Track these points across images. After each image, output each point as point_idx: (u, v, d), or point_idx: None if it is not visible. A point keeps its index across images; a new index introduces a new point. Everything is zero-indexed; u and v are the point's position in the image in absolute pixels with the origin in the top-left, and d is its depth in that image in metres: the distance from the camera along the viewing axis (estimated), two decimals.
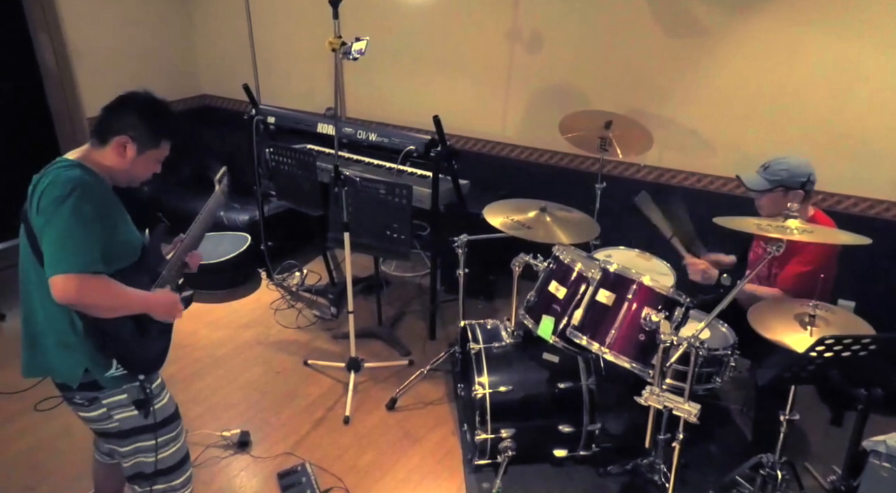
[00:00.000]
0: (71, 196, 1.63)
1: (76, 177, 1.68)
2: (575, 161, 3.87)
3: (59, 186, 1.65)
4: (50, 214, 1.64)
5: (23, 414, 2.87)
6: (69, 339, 1.73)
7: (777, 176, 2.52)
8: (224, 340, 3.60)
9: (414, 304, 4.03)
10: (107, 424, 1.87)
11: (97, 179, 1.75)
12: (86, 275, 1.61)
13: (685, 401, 2.00)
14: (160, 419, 1.92)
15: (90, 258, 1.64)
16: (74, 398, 1.83)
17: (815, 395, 2.95)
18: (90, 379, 1.78)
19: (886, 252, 3.07)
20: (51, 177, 1.69)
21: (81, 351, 1.73)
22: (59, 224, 1.62)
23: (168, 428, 1.96)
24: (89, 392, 1.81)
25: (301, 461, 2.70)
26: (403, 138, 3.54)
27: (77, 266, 1.60)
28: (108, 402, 1.83)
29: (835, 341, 1.78)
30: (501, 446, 2.58)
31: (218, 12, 4.81)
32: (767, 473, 2.27)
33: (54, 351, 1.76)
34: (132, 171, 1.83)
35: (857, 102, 3.07)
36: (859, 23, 2.97)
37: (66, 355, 1.75)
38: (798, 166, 2.52)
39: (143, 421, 1.88)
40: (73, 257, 1.60)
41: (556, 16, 3.65)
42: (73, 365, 1.76)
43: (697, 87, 3.41)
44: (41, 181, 1.70)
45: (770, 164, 2.57)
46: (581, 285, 2.36)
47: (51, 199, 1.64)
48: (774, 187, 2.53)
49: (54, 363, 1.78)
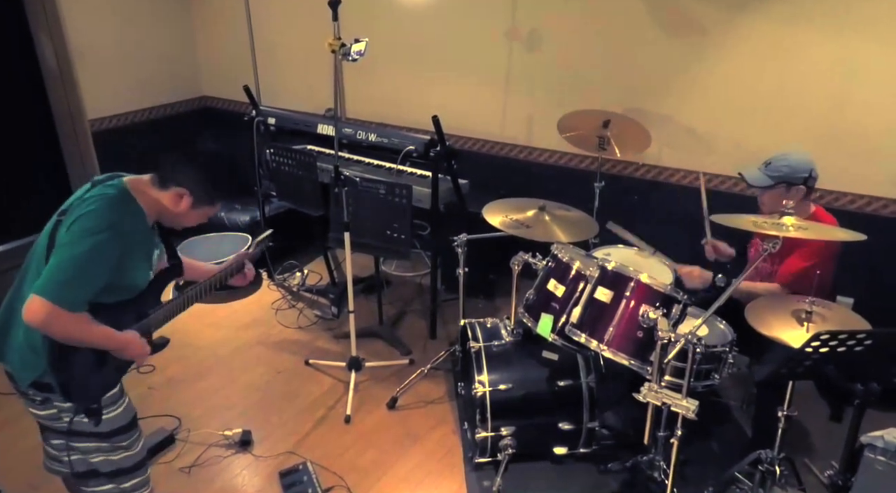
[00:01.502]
0: (102, 233, 1.67)
1: (119, 219, 1.71)
2: (574, 160, 3.88)
3: (99, 219, 1.68)
4: (73, 239, 1.66)
5: (25, 414, 2.81)
6: (36, 344, 1.73)
7: (779, 172, 2.53)
8: (225, 340, 3.62)
9: (414, 303, 4.04)
10: (56, 423, 1.87)
11: (140, 218, 1.79)
12: (62, 310, 1.62)
13: (683, 397, 2.01)
14: (111, 429, 1.89)
15: (79, 300, 1.65)
16: (28, 392, 1.83)
17: (814, 391, 2.96)
18: (45, 381, 1.77)
19: (884, 249, 3.08)
20: (97, 203, 1.71)
21: (41, 359, 1.73)
22: (73, 252, 1.65)
23: (121, 438, 1.93)
24: (42, 392, 1.81)
25: (302, 460, 2.71)
26: (403, 139, 3.55)
27: (61, 300, 1.61)
28: (59, 405, 1.82)
29: (830, 337, 1.79)
30: (502, 444, 2.59)
31: (218, 14, 4.83)
32: (766, 469, 2.28)
33: (19, 347, 1.77)
34: (181, 218, 1.90)
35: (856, 99, 3.08)
36: (858, 20, 2.97)
37: (28, 356, 1.75)
38: (800, 162, 2.53)
39: (94, 428, 1.86)
40: (63, 291, 1.62)
41: (555, 15, 3.67)
42: (28, 368, 1.76)
43: (695, 85, 3.43)
44: (89, 199, 1.72)
45: (772, 160, 2.58)
46: (580, 283, 2.38)
47: (84, 226, 1.67)
48: (776, 184, 2.54)
49: (14, 357, 1.79)
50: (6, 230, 4.10)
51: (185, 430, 2.90)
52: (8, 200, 4.14)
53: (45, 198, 4.29)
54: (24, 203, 4.16)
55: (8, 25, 4.03)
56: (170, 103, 4.92)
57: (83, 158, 4.39)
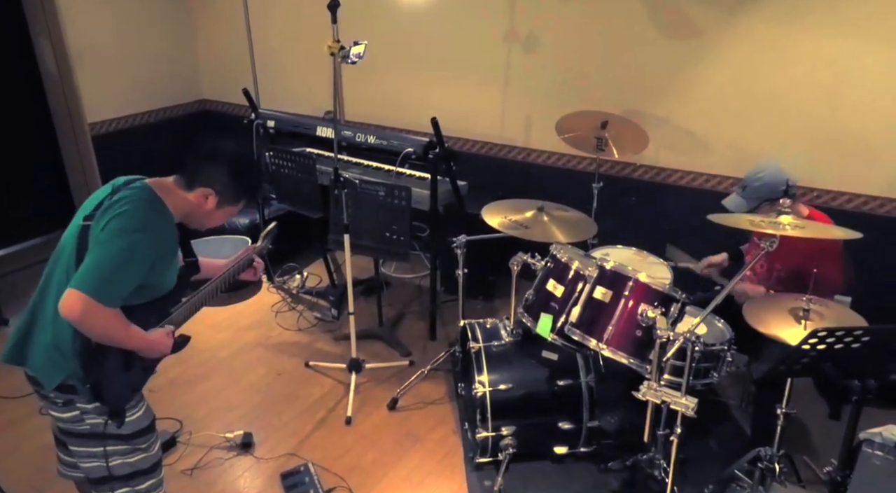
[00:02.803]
0: (138, 233, 1.68)
1: (153, 220, 1.73)
2: (572, 161, 3.90)
3: (135, 219, 1.70)
4: (111, 236, 1.67)
5: (30, 417, 2.89)
6: (65, 346, 1.73)
7: (757, 192, 2.56)
8: (226, 342, 3.63)
9: (414, 304, 4.06)
10: (78, 425, 1.86)
11: (169, 219, 1.80)
12: (100, 304, 1.62)
13: (682, 395, 2.03)
14: (133, 431, 1.89)
15: (116, 295, 1.66)
16: (49, 395, 1.82)
17: (812, 389, 2.98)
18: (69, 383, 1.77)
19: (881, 248, 3.09)
20: (131, 204, 1.72)
21: (69, 361, 1.73)
22: (110, 250, 1.66)
23: (140, 440, 1.93)
24: (66, 394, 1.80)
25: (304, 461, 2.72)
26: (402, 141, 3.57)
27: (99, 294, 1.62)
28: (82, 406, 1.82)
29: (827, 334, 1.81)
30: (502, 443, 2.61)
31: (218, 17, 4.85)
32: (766, 466, 2.30)
33: (45, 350, 1.77)
34: (206, 218, 1.91)
35: (851, 99, 3.10)
36: (853, 21, 2.99)
37: (55, 358, 1.75)
38: (773, 177, 2.55)
39: (116, 430, 1.86)
40: (101, 285, 1.63)
41: (553, 17, 3.68)
42: (55, 370, 1.76)
43: (692, 86, 3.45)
44: (122, 199, 1.72)
45: (746, 183, 2.60)
46: (578, 283, 2.39)
47: (120, 225, 1.68)
48: (759, 204, 2.56)
49: (39, 360, 1.78)
50: (6, 234, 4.11)
51: (186, 432, 2.90)
52: (8, 204, 4.14)
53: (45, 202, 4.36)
54: (23, 207, 4.17)
55: (7, 28, 4.05)
56: (169, 106, 4.93)
57: (82, 162, 4.41)
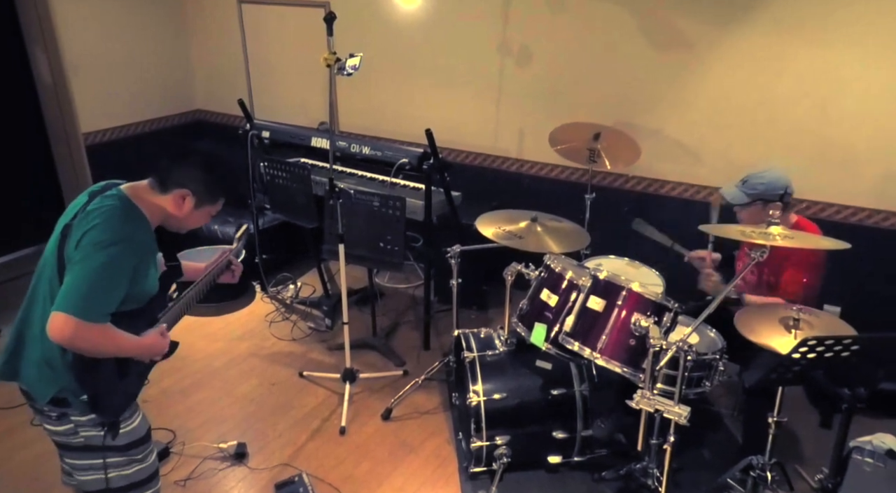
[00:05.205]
0: (114, 246, 1.65)
1: (128, 232, 1.70)
2: (565, 172, 3.94)
3: (108, 232, 1.67)
4: (87, 253, 1.64)
5: (23, 428, 2.87)
6: (55, 361, 1.72)
7: (755, 190, 2.59)
8: (219, 352, 3.62)
9: (408, 314, 4.06)
10: (72, 438, 1.84)
11: (145, 226, 1.78)
12: (87, 323, 1.61)
13: (675, 404, 2.04)
14: (128, 442, 1.88)
15: (102, 311, 1.64)
16: (43, 409, 1.80)
17: (803, 398, 3.01)
18: (62, 396, 1.76)
19: (869, 258, 3.14)
20: (104, 216, 1.69)
21: (61, 374, 1.72)
22: (89, 267, 1.63)
23: (136, 451, 1.91)
24: (59, 407, 1.79)
25: (298, 471, 2.71)
26: (396, 151, 3.59)
27: (85, 314, 1.60)
28: (76, 419, 1.80)
29: (817, 343, 1.83)
30: (497, 453, 2.62)
31: (213, 28, 4.88)
32: (758, 474, 2.32)
33: (35, 365, 1.75)
34: (185, 221, 1.89)
35: (840, 112, 3.15)
36: (842, 35, 3.05)
37: (46, 373, 1.74)
38: (775, 180, 2.58)
39: (111, 441, 1.84)
40: (85, 304, 1.61)
41: (545, 30, 3.73)
42: (47, 384, 1.74)
43: (684, 98, 3.49)
44: (93, 212, 1.70)
45: (748, 178, 2.64)
46: (572, 293, 2.41)
47: (95, 240, 1.65)
48: (753, 201, 2.60)
49: (30, 376, 1.77)
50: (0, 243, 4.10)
51: (179, 443, 2.89)
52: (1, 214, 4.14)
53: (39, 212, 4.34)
54: (17, 217, 4.16)
55: (3, 39, 4.05)
56: (164, 117, 4.94)
57: (77, 172, 4.40)
